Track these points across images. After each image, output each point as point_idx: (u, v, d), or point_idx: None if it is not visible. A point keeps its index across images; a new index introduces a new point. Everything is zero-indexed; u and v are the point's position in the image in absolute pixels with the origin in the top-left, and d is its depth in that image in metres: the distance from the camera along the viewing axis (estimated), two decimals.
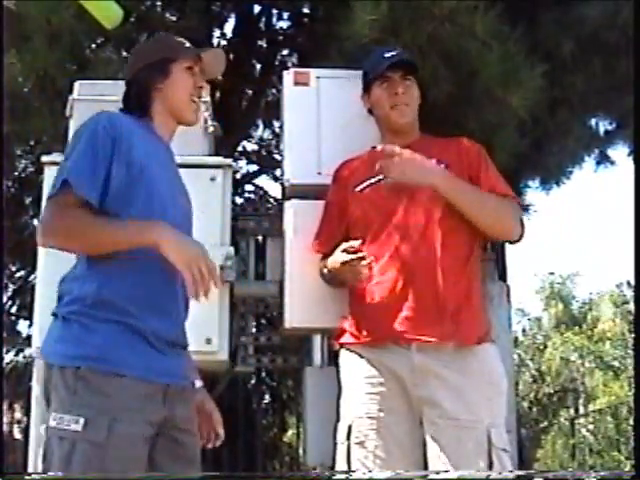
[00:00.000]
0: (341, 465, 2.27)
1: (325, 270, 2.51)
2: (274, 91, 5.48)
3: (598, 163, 4.72)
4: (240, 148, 6.57)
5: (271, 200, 6.63)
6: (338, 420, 2.36)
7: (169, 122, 2.12)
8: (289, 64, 4.97)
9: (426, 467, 2.21)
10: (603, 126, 4.38)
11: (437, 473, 2.06)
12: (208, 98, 2.73)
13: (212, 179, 2.85)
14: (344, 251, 2.31)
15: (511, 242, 2.49)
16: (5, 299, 7.22)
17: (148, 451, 1.90)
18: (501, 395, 2.30)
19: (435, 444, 2.20)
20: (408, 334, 2.26)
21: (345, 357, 2.39)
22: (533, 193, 4.53)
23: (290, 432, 10.17)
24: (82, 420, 1.81)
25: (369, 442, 2.25)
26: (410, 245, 2.33)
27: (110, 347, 1.87)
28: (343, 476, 2.18)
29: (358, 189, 2.45)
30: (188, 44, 2.17)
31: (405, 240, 2.34)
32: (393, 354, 2.27)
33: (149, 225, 1.90)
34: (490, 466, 2.14)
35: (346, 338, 2.39)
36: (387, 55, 2.48)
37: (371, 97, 2.54)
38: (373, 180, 2.40)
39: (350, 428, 2.28)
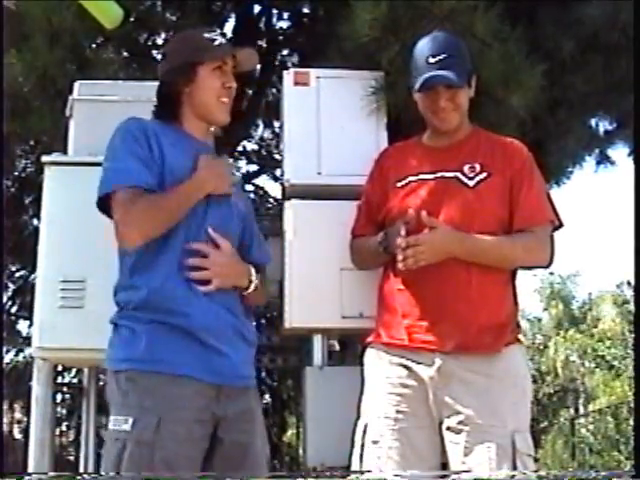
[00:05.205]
0: (355, 463, 2.24)
1: (364, 243, 2.45)
2: (274, 91, 5.48)
3: (598, 163, 4.72)
4: (240, 148, 6.58)
5: (271, 200, 6.66)
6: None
7: (200, 125, 2.10)
8: (289, 64, 4.97)
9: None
10: (603, 126, 4.38)
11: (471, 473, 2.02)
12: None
13: None
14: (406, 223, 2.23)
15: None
16: (5, 299, 7.22)
17: (205, 451, 1.90)
18: (526, 398, 2.27)
19: (458, 449, 2.16)
20: (434, 344, 2.22)
21: (369, 356, 2.37)
22: None
23: (290, 432, 10.18)
24: (131, 420, 1.85)
25: (384, 442, 2.21)
26: None
27: (155, 347, 1.90)
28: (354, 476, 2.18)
29: (399, 185, 2.38)
30: (218, 41, 2.09)
31: None
32: (417, 356, 2.24)
33: (190, 179, 1.98)
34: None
35: (372, 338, 2.36)
36: (431, 61, 2.32)
37: (413, 95, 2.41)
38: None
39: (367, 427, 2.25)
